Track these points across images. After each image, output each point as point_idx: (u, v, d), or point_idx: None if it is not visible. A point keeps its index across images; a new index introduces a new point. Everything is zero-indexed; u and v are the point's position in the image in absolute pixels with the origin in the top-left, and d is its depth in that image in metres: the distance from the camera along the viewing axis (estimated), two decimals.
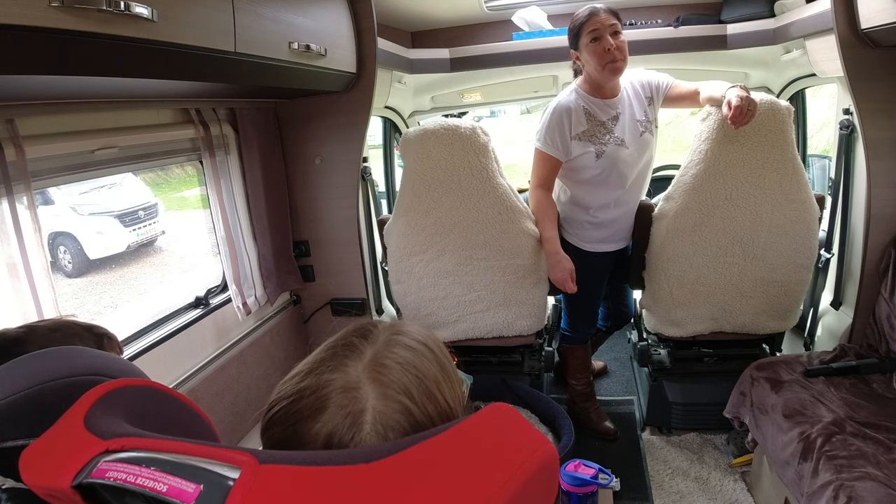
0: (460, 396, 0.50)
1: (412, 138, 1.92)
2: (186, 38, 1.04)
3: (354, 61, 1.87)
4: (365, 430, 0.43)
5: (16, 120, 1.09)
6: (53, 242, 5.10)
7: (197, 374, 1.64)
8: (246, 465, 0.35)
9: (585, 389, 2.27)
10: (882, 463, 1.28)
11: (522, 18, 2.36)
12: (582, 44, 1.80)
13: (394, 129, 2.91)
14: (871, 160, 1.72)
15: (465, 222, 1.91)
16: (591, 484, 1.06)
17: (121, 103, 1.40)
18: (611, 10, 1.77)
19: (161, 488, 0.36)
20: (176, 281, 5.55)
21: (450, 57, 2.41)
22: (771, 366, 1.72)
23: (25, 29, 0.75)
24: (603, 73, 1.79)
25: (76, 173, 1.32)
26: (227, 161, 1.79)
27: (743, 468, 1.92)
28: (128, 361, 0.69)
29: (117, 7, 0.84)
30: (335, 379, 0.45)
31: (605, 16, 1.75)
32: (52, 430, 0.44)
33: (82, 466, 0.40)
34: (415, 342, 0.49)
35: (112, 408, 0.46)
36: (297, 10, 1.47)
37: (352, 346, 0.48)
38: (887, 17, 1.43)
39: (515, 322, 2.03)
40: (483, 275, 1.97)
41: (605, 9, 1.77)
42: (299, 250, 2.16)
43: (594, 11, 1.76)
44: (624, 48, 1.77)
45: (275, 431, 0.45)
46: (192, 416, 0.54)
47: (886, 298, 1.73)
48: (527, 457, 0.37)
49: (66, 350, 0.71)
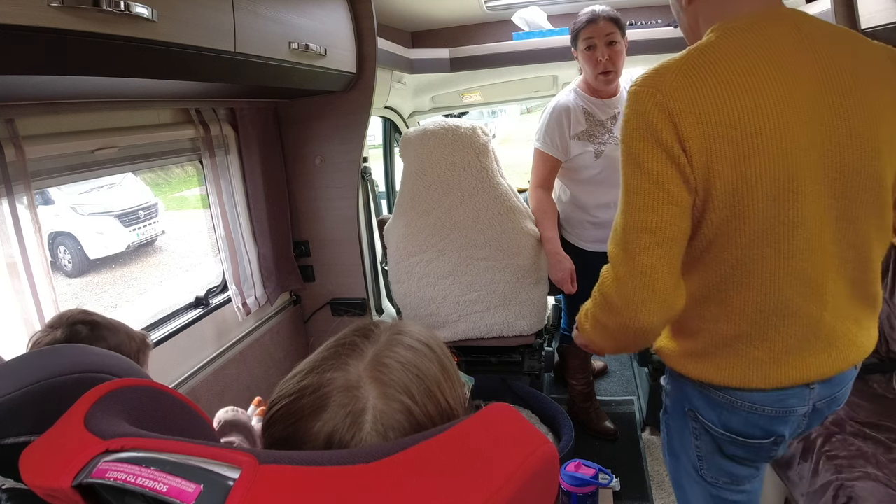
0: (461, 397, 0.50)
1: (412, 138, 1.92)
2: (186, 38, 1.04)
3: (354, 61, 1.87)
4: (365, 430, 0.43)
5: (16, 120, 1.09)
6: (53, 242, 5.11)
7: (197, 374, 1.65)
8: (246, 465, 0.36)
9: (585, 389, 2.27)
10: (882, 463, 1.29)
11: (522, 18, 2.36)
12: (579, 48, 1.81)
13: (394, 129, 2.91)
14: None
15: (465, 222, 1.91)
16: (591, 484, 1.06)
17: (121, 103, 1.40)
18: (611, 16, 1.76)
19: (161, 488, 0.36)
20: (176, 281, 5.55)
21: (450, 57, 2.41)
22: None
23: (25, 29, 0.75)
24: (596, 81, 1.82)
25: (76, 173, 1.32)
26: (227, 161, 1.79)
27: None
28: (130, 360, 0.69)
29: (117, 7, 0.84)
30: (336, 378, 0.45)
31: (602, 24, 1.75)
32: (53, 430, 0.45)
33: (82, 466, 0.40)
34: (416, 342, 0.49)
35: (112, 408, 0.46)
36: (296, 10, 1.47)
37: (353, 346, 0.48)
38: (887, 17, 1.43)
39: (515, 322, 2.03)
40: (483, 275, 1.97)
41: (606, 15, 1.76)
42: (299, 250, 2.16)
43: (592, 18, 1.76)
44: (616, 58, 1.78)
45: (275, 430, 0.46)
46: (192, 416, 0.54)
47: (886, 298, 1.73)
48: (527, 457, 0.37)
49: (70, 347, 0.71)
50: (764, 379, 0.90)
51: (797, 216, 0.82)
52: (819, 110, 0.81)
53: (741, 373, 0.91)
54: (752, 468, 1.04)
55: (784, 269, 0.84)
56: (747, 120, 0.78)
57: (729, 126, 0.78)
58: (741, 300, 0.88)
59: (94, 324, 0.92)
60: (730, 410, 0.95)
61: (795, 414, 0.94)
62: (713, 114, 0.78)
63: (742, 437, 0.96)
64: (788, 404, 0.93)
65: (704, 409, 0.99)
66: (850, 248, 0.87)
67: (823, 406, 0.97)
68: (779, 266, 0.84)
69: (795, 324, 0.88)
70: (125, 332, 0.96)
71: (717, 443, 1.01)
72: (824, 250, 0.85)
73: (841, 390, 0.98)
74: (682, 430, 1.06)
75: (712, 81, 0.79)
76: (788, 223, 0.82)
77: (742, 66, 0.79)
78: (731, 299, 0.89)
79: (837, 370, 0.92)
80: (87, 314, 0.94)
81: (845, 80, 0.81)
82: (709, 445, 1.02)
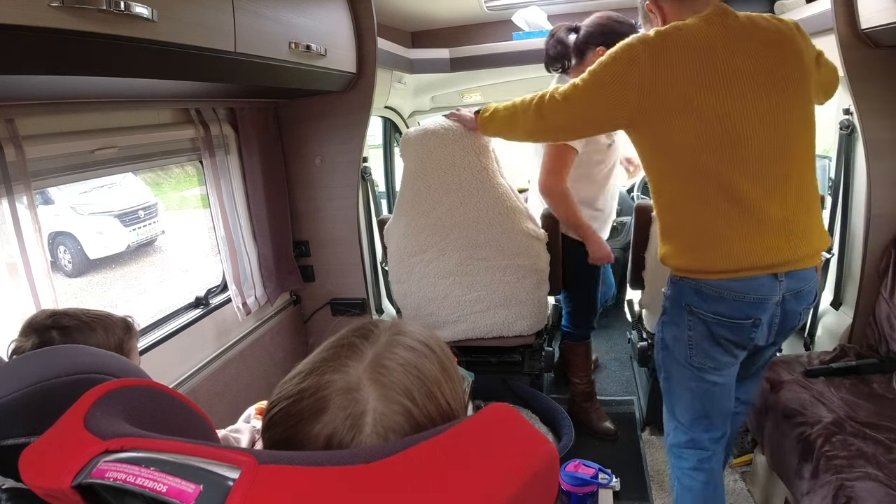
0: (461, 395, 0.50)
1: (412, 138, 1.92)
2: (186, 38, 1.04)
3: (354, 61, 1.87)
4: (365, 432, 0.43)
5: (16, 120, 1.09)
6: (53, 242, 5.10)
7: (197, 374, 1.65)
8: (246, 465, 0.35)
9: (587, 388, 2.27)
10: (882, 463, 1.28)
11: (522, 18, 2.36)
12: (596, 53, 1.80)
13: (394, 129, 2.91)
14: (871, 160, 1.72)
15: (465, 222, 1.91)
16: (591, 484, 1.06)
17: (121, 103, 1.40)
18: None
19: (161, 489, 0.36)
20: (175, 280, 5.55)
21: (450, 57, 2.41)
22: (771, 366, 1.72)
23: (25, 29, 0.75)
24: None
25: (76, 173, 1.32)
26: (227, 161, 1.79)
27: (743, 468, 1.92)
28: (129, 361, 0.69)
29: (117, 7, 0.84)
30: (336, 380, 0.45)
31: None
32: (52, 430, 0.44)
33: (82, 466, 0.39)
34: (416, 342, 0.49)
35: (112, 408, 0.46)
36: (297, 10, 1.47)
37: (352, 347, 0.48)
38: (887, 17, 1.43)
39: (516, 322, 2.03)
40: (483, 275, 1.97)
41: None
42: (299, 250, 2.16)
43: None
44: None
45: (275, 432, 0.45)
46: (192, 417, 0.54)
47: (886, 298, 1.73)
48: (527, 457, 0.37)
49: (69, 348, 0.71)
50: (736, 260, 1.19)
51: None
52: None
53: (715, 255, 1.21)
54: (731, 356, 1.31)
55: (735, 173, 1.18)
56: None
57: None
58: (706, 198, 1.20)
59: (65, 329, 0.88)
60: (718, 300, 1.24)
61: (769, 301, 1.23)
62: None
63: (728, 319, 1.25)
64: (762, 292, 1.22)
65: (698, 302, 1.27)
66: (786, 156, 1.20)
67: (791, 298, 1.25)
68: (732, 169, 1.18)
69: (749, 208, 1.18)
70: (102, 328, 0.92)
71: (709, 327, 1.27)
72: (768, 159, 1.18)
73: (805, 287, 1.26)
74: (678, 325, 1.33)
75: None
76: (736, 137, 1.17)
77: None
78: (704, 198, 1.20)
79: (793, 256, 1.20)
80: (56, 319, 0.89)
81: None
82: (701, 333, 1.29)
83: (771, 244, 1.19)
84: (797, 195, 1.21)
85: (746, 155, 1.17)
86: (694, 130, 1.17)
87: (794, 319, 1.30)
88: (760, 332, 1.27)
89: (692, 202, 1.23)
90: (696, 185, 1.21)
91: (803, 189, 1.22)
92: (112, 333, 0.93)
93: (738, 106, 1.16)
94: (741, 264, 1.19)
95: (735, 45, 1.17)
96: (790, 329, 1.33)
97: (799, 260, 1.21)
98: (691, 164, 1.20)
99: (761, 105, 1.17)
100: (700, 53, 1.16)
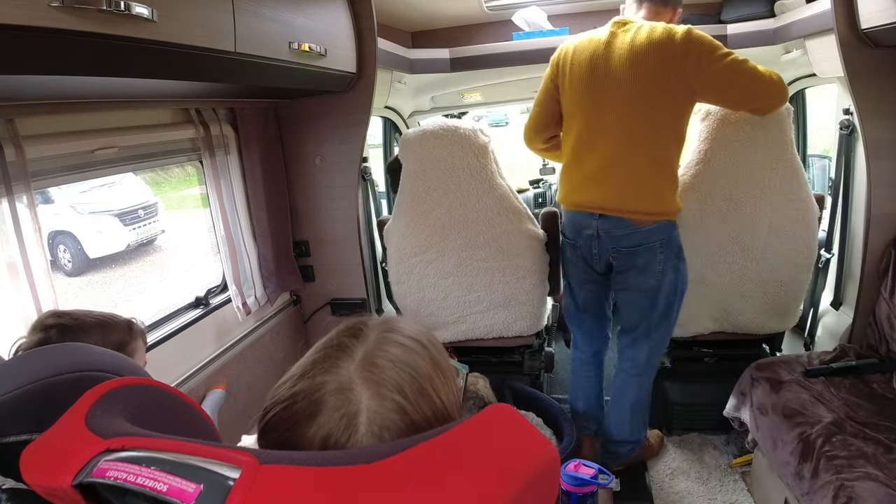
0: (454, 390, 0.50)
1: (412, 139, 1.92)
2: (186, 38, 1.04)
3: (354, 61, 1.87)
4: (361, 432, 0.43)
5: (16, 120, 1.09)
6: (53, 241, 5.10)
7: (197, 374, 1.64)
8: (246, 465, 0.36)
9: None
10: (882, 463, 1.29)
11: (522, 18, 2.36)
12: None
13: (394, 129, 2.91)
14: (871, 160, 1.72)
15: (464, 223, 1.91)
16: (591, 484, 1.06)
17: (121, 103, 1.40)
18: None
19: (161, 488, 0.36)
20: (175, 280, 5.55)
21: (450, 57, 2.41)
22: (771, 366, 1.72)
23: (25, 29, 0.75)
24: None
25: (76, 173, 1.32)
26: (227, 161, 1.78)
27: (743, 468, 1.92)
28: (131, 360, 0.69)
29: (117, 7, 0.84)
30: (328, 381, 0.45)
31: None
32: (54, 429, 0.44)
33: (83, 465, 0.40)
34: (406, 339, 0.49)
35: (113, 407, 0.46)
36: (297, 10, 1.47)
37: (343, 347, 0.48)
38: (887, 17, 1.43)
39: (515, 323, 2.03)
40: (483, 276, 1.97)
41: None
42: (299, 250, 2.16)
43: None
44: None
45: (271, 436, 0.45)
46: (193, 416, 0.54)
47: (886, 298, 1.73)
48: (528, 458, 0.37)
49: (71, 346, 0.71)
50: (573, 199, 1.76)
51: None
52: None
53: (565, 193, 1.79)
54: (583, 271, 1.85)
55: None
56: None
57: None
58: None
59: (64, 327, 0.89)
60: (566, 223, 1.86)
61: (588, 229, 1.73)
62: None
63: (568, 239, 1.85)
64: (583, 223, 1.74)
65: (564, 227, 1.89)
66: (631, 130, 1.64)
67: (605, 236, 1.70)
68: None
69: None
70: (100, 328, 0.93)
71: (566, 247, 1.88)
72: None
73: (615, 231, 1.68)
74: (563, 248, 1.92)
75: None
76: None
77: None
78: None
79: (603, 200, 1.67)
80: (58, 317, 0.91)
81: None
82: (566, 251, 1.89)
83: (590, 191, 1.70)
84: (625, 161, 1.63)
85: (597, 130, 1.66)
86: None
87: (609, 244, 1.70)
88: (593, 258, 1.76)
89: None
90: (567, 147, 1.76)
91: (637, 159, 1.63)
92: (111, 334, 0.94)
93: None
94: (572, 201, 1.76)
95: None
96: (607, 262, 1.75)
97: (609, 208, 1.66)
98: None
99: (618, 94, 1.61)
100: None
